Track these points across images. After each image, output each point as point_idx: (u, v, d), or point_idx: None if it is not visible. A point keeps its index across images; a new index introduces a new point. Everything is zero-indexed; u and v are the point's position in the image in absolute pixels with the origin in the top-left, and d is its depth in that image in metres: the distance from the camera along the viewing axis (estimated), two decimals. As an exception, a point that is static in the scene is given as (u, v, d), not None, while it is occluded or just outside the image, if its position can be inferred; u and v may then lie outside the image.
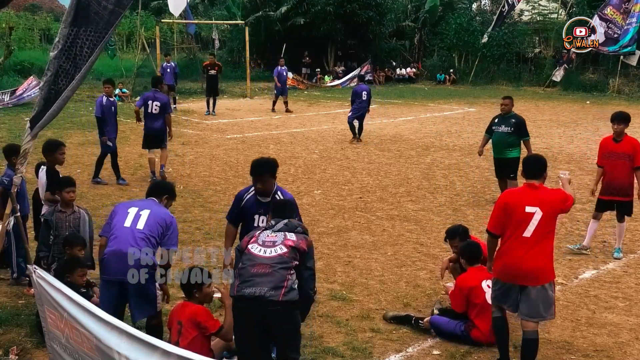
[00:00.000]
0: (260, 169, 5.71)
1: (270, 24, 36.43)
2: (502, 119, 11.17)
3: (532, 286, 5.48)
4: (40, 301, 4.94)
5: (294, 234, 4.92)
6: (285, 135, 18.61)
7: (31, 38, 40.08)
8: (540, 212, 5.45)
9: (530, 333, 5.55)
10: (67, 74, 5.10)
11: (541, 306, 5.50)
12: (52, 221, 6.42)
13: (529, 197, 5.53)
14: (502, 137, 11.04)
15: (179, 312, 5.27)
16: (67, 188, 6.50)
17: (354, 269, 8.19)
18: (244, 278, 4.71)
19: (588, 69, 34.75)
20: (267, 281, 4.63)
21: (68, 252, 6.15)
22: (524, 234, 5.48)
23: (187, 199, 11.41)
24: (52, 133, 17.00)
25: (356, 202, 11.43)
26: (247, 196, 5.87)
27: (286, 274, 4.69)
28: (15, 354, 5.76)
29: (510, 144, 10.97)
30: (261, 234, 4.93)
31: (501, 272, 5.65)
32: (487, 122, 12.01)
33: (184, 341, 5.02)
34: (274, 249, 4.79)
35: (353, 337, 6.25)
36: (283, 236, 4.88)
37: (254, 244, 4.86)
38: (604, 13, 28.40)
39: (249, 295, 4.62)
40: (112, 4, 5.06)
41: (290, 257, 4.76)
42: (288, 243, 4.82)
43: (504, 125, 11.05)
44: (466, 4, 43.20)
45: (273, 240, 4.85)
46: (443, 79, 37.97)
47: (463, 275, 6.41)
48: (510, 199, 5.64)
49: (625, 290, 7.60)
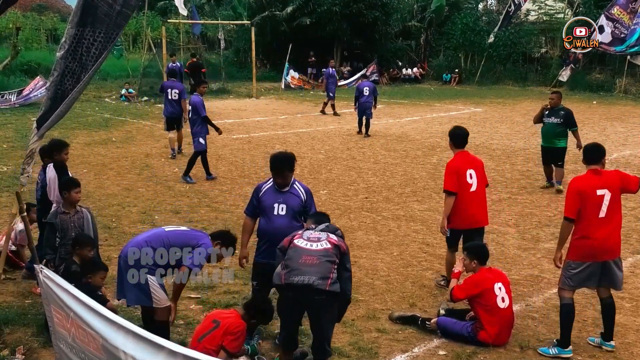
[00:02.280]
0: (281, 165, 5.95)
1: (276, 24, 36.44)
2: (552, 111, 12.05)
3: (612, 260, 6.02)
4: (46, 301, 4.95)
5: (335, 235, 5.30)
6: (291, 135, 18.61)
7: (38, 38, 40.22)
8: (609, 193, 5.91)
9: (609, 298, 6.16)
10: (73, 74, 5.12)
11: (620, 275, 6.12)
12: (57, 224, 6.40)
13: (597, 182, 5.95)
14: (552, 128, 12.04)
15: (223, 314, 5.49)
16: (75, 189, 6.52)
17: (360, 269, 8.18)
18: (292, 267, 5.01)
19: (595, 69, 34.65)
20: (315, 271, 4.95)
21: (78, 252, 6.16)
22: (600, 215, 5.92)
23: (193, 199, 11.43)
24: (58, 133, 17.05)
25: (362, 202, 11.42)
26: (266, 187, 6.08)
27: (331, 267, 5.03)
28: (22, 354, 5.78)
29: (559, 134, 12.01)
30: (304, 232, 5.29)
31: (585, 254, 5.97)
32: (493, 122, 12.04)
33: (211, 340, 5.25)
34: (319, 244, 5.14)
35: (359, 337, 6.24)
36: (326, 235, 5.25)
37: (299, 239, 5.20)
38: (610, 13, 28.30)
39: (298, 283, 4.93)
40: (119, 5, 5.07)
41: (333, 252, 5.10)
42: (332, 241, 5.18)
43: (554, 116, 12.01)
44: (472, 3, 43.12)
45: (318, 237, 5.22)
46: (449, 79, 37.91)
47: (476, 276, 6.34)
48: (582, 186, 5.99)
49: (632, 291, 7.57)
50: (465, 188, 7.20)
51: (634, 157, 15.48)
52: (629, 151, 16.14)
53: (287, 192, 5.96)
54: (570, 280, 6.04)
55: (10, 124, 19.53)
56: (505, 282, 6.34)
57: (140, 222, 9.96)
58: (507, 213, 10.81)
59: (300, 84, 34.10)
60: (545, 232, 9.81)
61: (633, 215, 10.57)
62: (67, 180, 6.71)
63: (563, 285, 6.10)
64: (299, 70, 34.85)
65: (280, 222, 5.88)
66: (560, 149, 12.01)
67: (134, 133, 18.44)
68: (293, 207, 5.93)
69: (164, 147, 16.23)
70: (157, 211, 10.62)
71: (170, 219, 10.15)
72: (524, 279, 7.88)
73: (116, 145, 16.46)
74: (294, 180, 6.09)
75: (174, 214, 10.46)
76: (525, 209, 11.07)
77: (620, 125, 20.95)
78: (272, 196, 5.96)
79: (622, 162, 14.73)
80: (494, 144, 17.33)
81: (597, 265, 5.98)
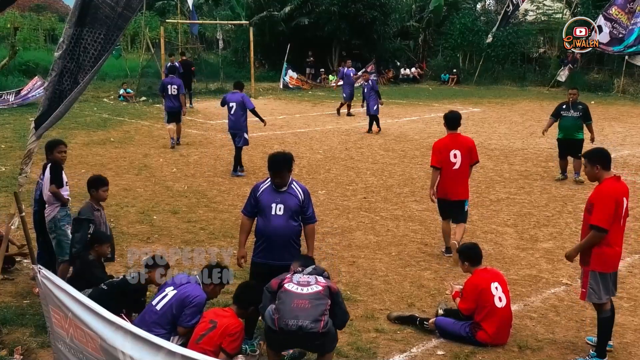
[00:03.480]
0: (280, 165, 5.95)
1: (274, 24, 36.43)
2: (571, 105, 13.05)
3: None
4: (45, 301, 4.95)
5: (323, 277, 5.36)
6: (289, 136, 18.61)
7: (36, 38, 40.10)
8: (626, 201, 5.81)
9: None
10: (71, 74, 5.12)
11: None
12: (94, 221, 6.56)
13: (623, 190, 5.80)
14: (571, 121, 13.01)
15: (220, 314, 5.44)
16: (103, 187, 6.70)
17: (358, 269, 8.18)
18: (284, 311, 5.06)
19: (593, 69, 34.67)
20: (307, 315, 5.03)
21: (97, 249, 6.28)
22: (621, 224, 5.80)
23: (191, 199, 11.43)
24: (56, 133, 17.03)
25: (360, 202, 11.42)
26: (264, 187, 6.06)
27: (323, 309, 5.11)
28: (20, 354, 5.77)
29: (578, 127, 12.98)
30: (294, 276, 5.31)
31: (613, 264, 5.82)
32: (491, 122, 12.07)
33: (208, 341, 5.22)
34: (309, 287, 5.20)
35: (357, 337, 6.24)
36: (315, 278, 5.31)
37: (289, 283, 5.23)
38: (608, 13, 28.31)
39: (292, 328, 5.00)
40: (121, 7, 5.07)
41: (324, 294, 5.18)
42: (321, 283, 5.26)
43: (573, 110, 13.01)
44: (470, 4, 43.10)
45: (307, 281, 5.28)
46: (447, 79, 37.93)
47: (472, 279, 6.34)
48: (618, 195, 5.71)
49: (630, 291, 7.58)
50: (448, 165, 8.39)
51: (632, 157, 15.49)
52: (627, 151, 16.16)
53: (285, 192, 5.96)
54: (605, 292, 5.83)
55: (9, 124, 19.52)
56: (501, 282, 6.34)
57: (139, 222, 9.95)
58: (506, 213, 10.82)
59: (298, 84, 34.09)
60: (544, 232, 9.81)
61: (631, 215, 10.50)
62: (95, 179, 6.84)
63: (598, 299, 5.83)
64: (298, 70, 34.84)
65: (277, 222, 5.89)
66: (579, 140, 12.86)
67: (132, 133, 18.44)
68: (291, 207, 5.93)
69: (162, 147, 16.25)
70: (156, 211, 10.62)
71: (169, 219, 10.16)
72: (522, 279, 7.88)
73: (114, 145, 16.46)
74: (292, 180, 6.09)
75: (173, 214, 10.45)
76: (524, 209, 11.07)
77: (619, 125, 20.96)
78: (269, 196, 5.96)
79: (620, 162, 14.75)
80: (492, 144, 17.34)
81: (614, 275, 5.95)
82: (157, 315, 5.47)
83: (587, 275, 5.81)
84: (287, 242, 5.95)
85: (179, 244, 8.94)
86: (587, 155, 5.97)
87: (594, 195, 5.76)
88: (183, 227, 9.79)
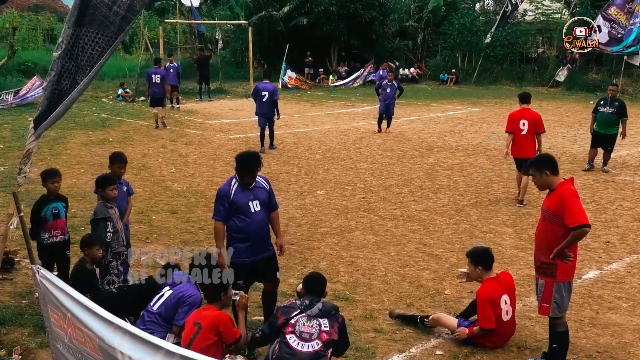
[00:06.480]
0: (252, 165, 5.97)
1: (273, 24, 36.40)
2: (608, 101, 13.69)
3: None
4: (43, 301, 4.95)
5: (327, 319, 5.13)
6: (288, 135, 18.60)
7: (34, 38, 40.07)
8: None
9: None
10: (69, 74, 5.11)
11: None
12: (111, 218, 6.58)
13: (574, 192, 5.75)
14: (607, 116, 13.71)
15: (200, 314, 5.23)
16: (111, 186, 6.72)
17: (357, 269, 8.18)
18: None
19: (592, 69, 34.67)
20: None
21: (87, 253, 6.20)
22: None
23: (190, 199, 11.43)
24: (55, 133, 17.07)
25: (359, 202, 11.42)
26: (233, 189, 6.02)
27: None
28: (19, 354, 5.77)
29: (614, 122, 13.71)
30: (297, 322, 5.12)
31: (574, 271, 5.73)
32: (490, 122, 12.23)
33: (199, 343, 5.00)
34: (310, 344, 5.03)
35: (356, 337, 6.23)
36: (318, 327, 5.10)
37: (291, 335, 5.07)
38: (607, 13, 28.32)
39: None
40: (124, 10, 5.07)
41: (325, 348, 5.04)
42: (323, 337, 5.06)
43: (609, 106, 13.66)
44: (469, 4, 43.13)
45: (310, 332, 5.07)
46: (446, 79, 37.93)
47: (483, 291, 6.18)
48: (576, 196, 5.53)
49: (629, 291, 7.58)
50: (518, 132, 11.12)
51: (631, 157, 15.50)
52: (626, 151, 16.16)
53: (254, 187, 6.05)
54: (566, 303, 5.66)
55: (7, 124, 19.50)
56: (511, 293, 6.25)
57: (138, 222, 9.94)
58: (504, 213, 10.83)
59: (297, 83, 34.08)
60: (543, 232, 9.80)
61: (630, 215, 10.59)
62: (102, 179, 6.85)
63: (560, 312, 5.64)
64: (296, 70, 34.83)
65: (259, 218, 6.01)
66: (613, 135, 13.70)
67: (131, 133, 18.43)
68: (264, 200, 6.08)
69: (161, 147, 16.24)
70: (155, 211, 10.61)
71: (168, 219, 10.16)
72: (521, 278, 7.88)
73: (113, 145, 16.43)
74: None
75: (171, 214, 10.45)
76: (522, 208, 11.08)
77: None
78: (243, 195, 5.98)
79: (619, 162, 14.76)
80: (491, 144, 17.35)
81: None
82: (154, 315, 5.49)
83: (550, 287, 5.57)
84: (267, 234, 6.15)
85: (177, 243, 8.94)
86: (532, 164, 5.74)
87: (554, 202, 5.49)
88: (182, 227, 9.79)
